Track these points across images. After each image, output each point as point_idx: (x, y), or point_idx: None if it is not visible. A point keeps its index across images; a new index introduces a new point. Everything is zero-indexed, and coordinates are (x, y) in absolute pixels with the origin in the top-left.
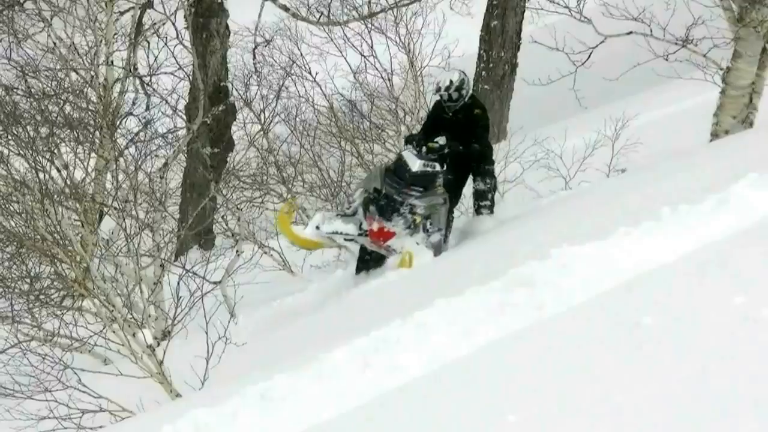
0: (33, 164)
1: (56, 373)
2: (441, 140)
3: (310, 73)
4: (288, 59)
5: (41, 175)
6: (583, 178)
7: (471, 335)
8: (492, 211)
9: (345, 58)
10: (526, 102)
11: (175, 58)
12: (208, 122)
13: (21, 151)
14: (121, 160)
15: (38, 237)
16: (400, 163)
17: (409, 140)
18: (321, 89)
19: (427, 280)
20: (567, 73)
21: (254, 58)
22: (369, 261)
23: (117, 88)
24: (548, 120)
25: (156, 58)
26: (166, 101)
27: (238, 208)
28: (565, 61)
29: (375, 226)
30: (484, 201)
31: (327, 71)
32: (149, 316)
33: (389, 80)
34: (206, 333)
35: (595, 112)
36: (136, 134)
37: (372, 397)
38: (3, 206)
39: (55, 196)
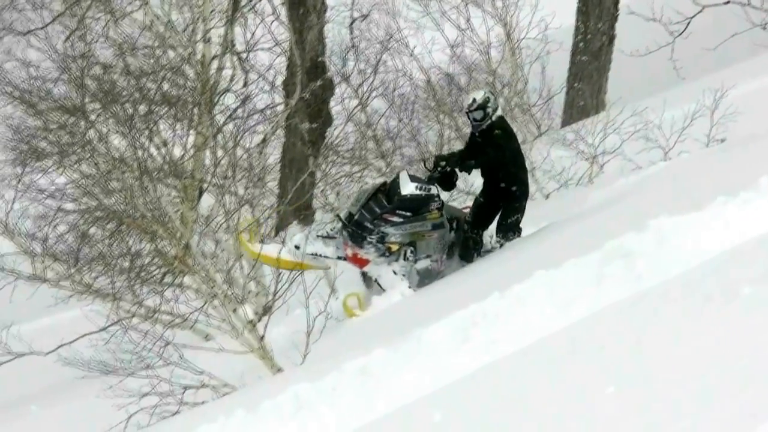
0: (132, 142)
1: (158, 349)
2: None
3: (407, 47)
4: (385, 33)
5: (140, 153)
6: (682, 149)
7: (569, 308)
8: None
9: (442, 32)
10: (624, 73)
11: (272, 34)
12: (306, 98)
13: (120, 129)
14: (220, 136)
15: (138, 214)
16: (395, 183)
17: (437, 160)
18: (418, 63)
19: (525, 252)
20: (664, 43)
21: (351, 32)
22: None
23: (214, 65)
24: (646, 91)
25: (253, 34)
26: (264, 77)
27: (336, 182)
28: (662, 31)
29: (349, 252)
30: (500, 234)
31: (424, 45)
32: (250, 291)
33: (486, 53)
34: (307, 308)
35: (694, 82)
36: (235, 111)
37: (470, 371)
38: (103, 184)
39: (155, 174)
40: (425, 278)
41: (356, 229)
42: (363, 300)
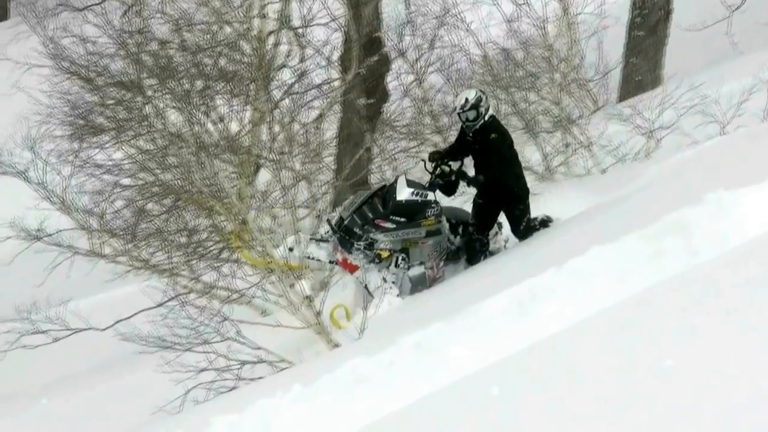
0: (189, 117)
1: (215, 324)
2: (455, 165)
3: (463, 21)
4: (441, 8)
5: (197, 128)
6: (740, 123)
7: (625, 282)
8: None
9: (498, 7)
10: (681, 48)
11: (327, 9)
12: (363, 73)
13: (177, 105)
14: (276, 112)
15: (195, 190)
16: (392, 188)
17: (432, 157)
18: (475, 38)
19: (581, 227)
20: (721, 17)
21: (408, 7)
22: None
23: (271, 40)
24: (703, 65)
25: (309, 9)
26: (320, 53)
27: (393, 158)
28: (719, 5)
29: (339, 257)
30: (519, 238)
31: (481, 20)
32: (307, 266)
33: (543, 28)
34: (363, 284)
35: (751, 56)
36: (291, 86)
37: (527, 345)
38: (160, 159)
39: (211, 149)
40: (418, 285)
41: (345, 234)
42: (350, 311)
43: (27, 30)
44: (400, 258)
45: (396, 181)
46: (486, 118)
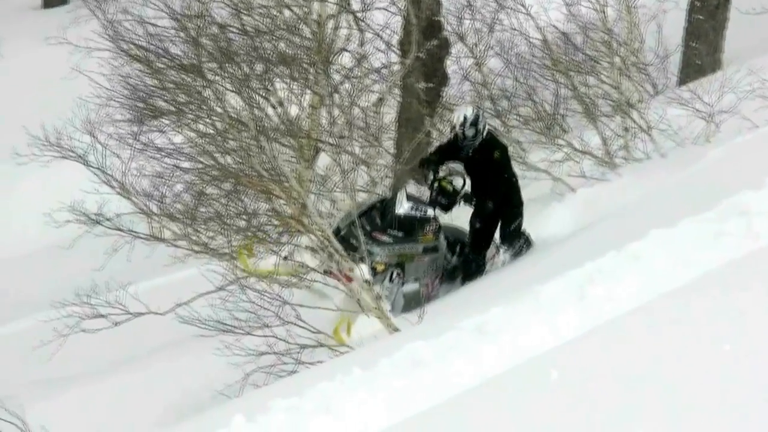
0: (248, 101)
1: (275, 308)
2: (457, 182)
3: (523, 5)
4: None
5: (256, 112)
6: None
7: (686, 266)
8: (513, 255)
9: None
10: (741, 32)
11: None
12: (422, 57)
13: (236, 89)
14: (336, 95)
15: (254, 173)
16: (391, 201)
17: (423, 163)
18: (534, 22)
19: (641, 211)
20: None
21: None
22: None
23: (330, 24)
24: (764, 49)
25: None
26: (380, 37)
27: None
28: None
29: (334, 267)
30: (506, 244)
31: (540, 3)
32: (366, 250)
33: (603, 11)
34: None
35: None
36: (351, 70)
37: (588, 329)
38: (219, 143)
39: (271, 133)
40: (411, 302)
41: (341, 244)
42: (352, 325)
43: (87, 14)
44: (395, 273)
45: (396, 194)
46: (484, 134)
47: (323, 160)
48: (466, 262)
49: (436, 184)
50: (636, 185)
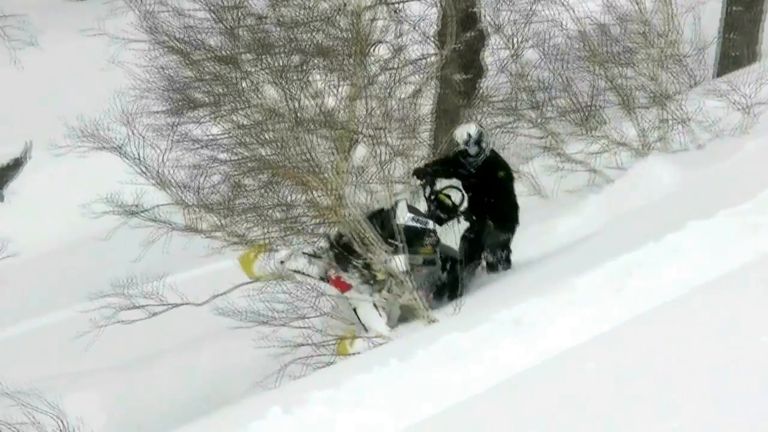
0: (285, 93)
1: (311, 300)
2: (455, 196)
3: None
4: None
5: (293, 104)
6: None
7: (723, 258)
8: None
9: None
10: None
11: None
12: (459, 48)
13: (273, 80)
14: (373, 87)
15: (291, 165)
16: (391, 211)
17: (418, 174)
18: (571, 13)
19: (678, 202)
20: None
21: None
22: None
23: (367, 15)
24: None
25: None
26: (416, 28)
27: (489, 133)
28: None
29: (332, 273)
30: (492, 270)
31: None
32: (403, 242)
33: (640, 3)
34: (459, 259)
35: None
36: (387, 61)
37: (625, 320)
38: (256, 135)
39: (308, 124)
40: (407, 314)
41: (343, 251)
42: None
43: (124, 5)
44: (394, 283)
45: (396, 204)
46: (487, 153)
47: (360, 151)
48: (455, 279)
49: (433, 197)
50: (673, 177)
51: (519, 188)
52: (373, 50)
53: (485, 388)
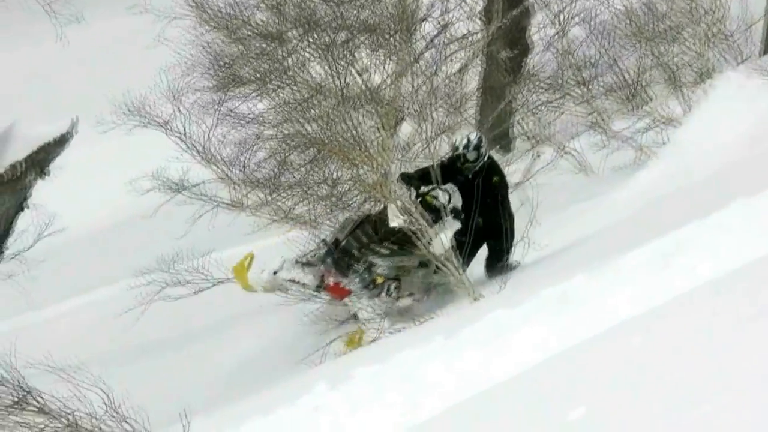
0: (331, 69)
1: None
2: (442, 197)
3: None
4: None
5: (340, 80)
6: None
7: None
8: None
9: None
10: None
11: None
12: (505, 25)
13: (319, 57)
14: (419, 64)
15: (337, 141)
16: (382, 215)
17: (405, 179)
18: None
19: (724, 181)
20: None
21: None
22: None
23: None
24: None
25: None
26: (463, 4)
27: (535, 110)
28: None
29: (331, 281)
30: (491, 272)
31: None
32: (448, 217)
33: None
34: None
35: None
36: (434, 38)
37: (670, 297)
38: (302, 111)
39: (354, 101)
40: (403, 316)
41: (343, 255)
42: (363, 338)
43: None
44: (392, 286)
45: (386, 208)
46: (485, 159)
47: (406, 128)
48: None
49: (419, 200)
50: (719, 154)
51: (565, 165)
52: (420, 27)
53: (532, 365)
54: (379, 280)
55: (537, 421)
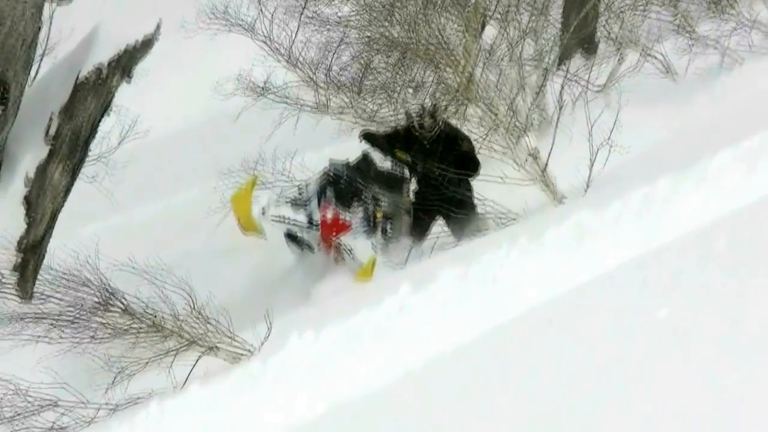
0: None
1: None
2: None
3: None
4: None
5: None
6: None
7: None
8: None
9: None
10: None
11: None
12: None
13: None
14: None
15: (421, 44)
16: (365, 161)
17: (368, 137)
18: None
19: None
20: None
21: None
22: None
23: None
24: None
25: None
26: None
27: (620, 13)
28: None
29: (329, 215)
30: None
31: None
32: (532, 123)
33: None
34: (589, 139)
35: None
36: None
37: (757, 198)
38: (387, 14)
39: (438, 4)
40: (393, 260)
41: (349, 185)
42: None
43: None
44: (388, 226)
45: (366, 155)
46: (441, 126)
47: (490, 31)
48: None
49: (390, 156)
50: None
51: (649, 69)
52: None
53: (617, 266)
54: (379, 215)
55: (626, 320)
